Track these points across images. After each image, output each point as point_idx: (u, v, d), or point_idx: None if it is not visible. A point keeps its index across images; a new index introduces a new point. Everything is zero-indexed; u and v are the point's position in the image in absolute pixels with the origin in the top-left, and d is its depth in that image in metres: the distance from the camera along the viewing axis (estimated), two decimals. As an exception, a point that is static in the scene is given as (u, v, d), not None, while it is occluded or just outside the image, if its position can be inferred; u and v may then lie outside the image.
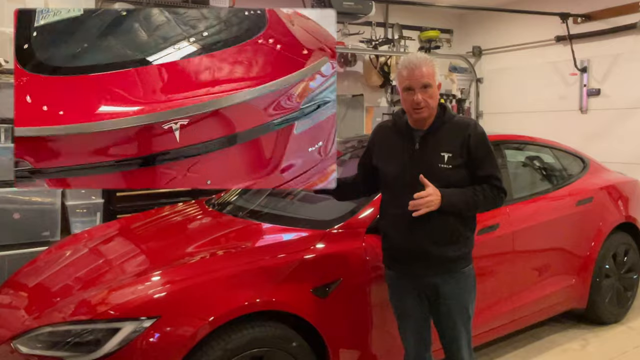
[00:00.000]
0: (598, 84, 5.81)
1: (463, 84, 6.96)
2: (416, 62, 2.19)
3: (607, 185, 3.89)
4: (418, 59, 2.21)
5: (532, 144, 3.79)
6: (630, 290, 3.97)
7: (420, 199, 2.12)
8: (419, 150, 2.25)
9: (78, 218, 4.13)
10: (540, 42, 6.34)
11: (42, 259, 2.88)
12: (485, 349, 3.38)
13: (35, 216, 3.79)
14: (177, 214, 3.32)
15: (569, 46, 5.87)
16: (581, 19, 5.86)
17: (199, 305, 2.11)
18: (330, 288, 2.38)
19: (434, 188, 2.14)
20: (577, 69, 5.86)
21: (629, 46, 5.52)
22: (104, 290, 2.20)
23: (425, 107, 2.20)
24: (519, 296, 3.22)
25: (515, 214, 3.19)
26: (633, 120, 5.49)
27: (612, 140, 5.62)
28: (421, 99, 2.18)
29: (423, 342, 2.38)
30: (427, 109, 2.22)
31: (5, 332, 2.17)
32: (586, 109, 5.90)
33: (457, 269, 2.29)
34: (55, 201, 3.85)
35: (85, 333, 2.01)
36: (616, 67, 5.63)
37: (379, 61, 6.27)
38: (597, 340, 3.63)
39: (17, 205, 3.71)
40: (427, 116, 2.24)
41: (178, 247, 2.64)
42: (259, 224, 2.85)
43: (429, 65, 2.20)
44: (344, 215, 2.65)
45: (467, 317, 2.33)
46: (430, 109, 2.23)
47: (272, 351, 2.21)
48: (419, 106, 2.19)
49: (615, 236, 3.80)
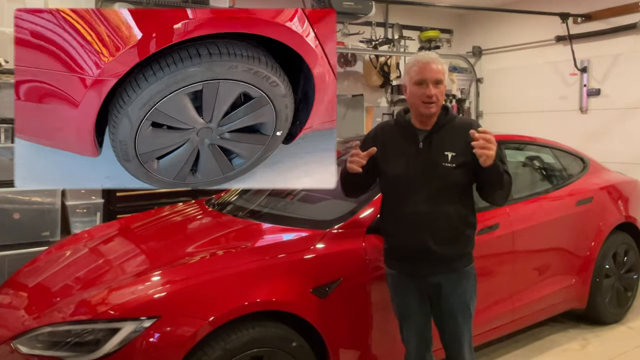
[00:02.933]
0: (598, 84, 5.80)
1: (463, 84, 6.95)
2: (430, 58, 2.25)
3: (607, 185, 3.89)
4: (431, 56, 2.28)
5: (532, 144, 3.79)
6: (630, 290, 3.97)
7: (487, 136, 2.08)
8: (423, 149, 2.26)
9: (78, 218, 4.12)
10: (540, 42, 6.34)
11: (42, 259, 2.88)
12: (485, 349, 3.37)
13: (35, 216, 3.78)
14: (177, 214, 3.32)
15: (569, 46, 5.87)
16: (581, 19, 5.85)
17: (199, 305, 2.11)
18: (330, 288, 2.38)
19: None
20: (577, 69, 5.86)
21: (629, 46, 5.52)
22: (104, 290, 2.20)
23: (437, 102, 2.24)
24: (519, 296, 3.22)
25: (515, 214, 3.19)
26: (633, 120, 5.48)
27: (612, 140, 5.62)
28: (434, 93, 2.20)
29: (424, 341, 2.38)
30: (437, 106, 2.25)
31: (5, 332, 2.17)
32: (586, 109, 5.90)
33: (460, 268, 2.31)
34: (55, 201, 3.85)
35: (85, 333, 2.01)
36: (616, 67, 5.63)
37: (379, 61, 6.27)
38: (597, 340, 3.63)
39: (17, 205, 3.71)
40: (435, 112, 2.27)
41: (178, 247, 2.64)
42: (259, 224, 2.85)
43: (440, 63, 2.26)
44: (344, 215, 2.65)
45: (468, 315, 2.34)
46: (438, 106, 2.27)
47: (272, 351, 2.21)
48: (431, 100, 2.21)
49: (615, 236, 3.80)
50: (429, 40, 6.51)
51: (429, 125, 2.29)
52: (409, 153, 2.29)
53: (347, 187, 2.41)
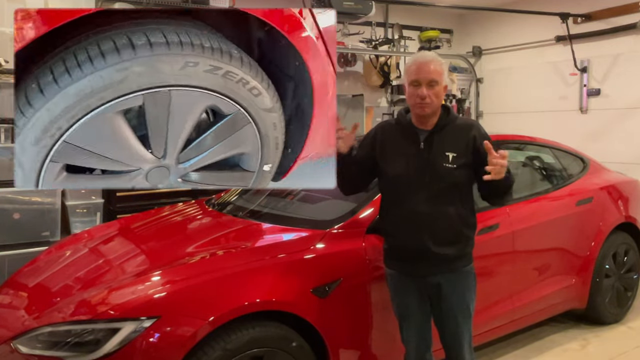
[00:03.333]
0: (598, 84, 5.80)
1: (463, 84, 6.95)
2: (426, 58, 2.23)
3: (607, 185, 3.88)
4: (428, 56, 2.26)
5: (532, 144, 3.79)
6: (630, 290, 3.96)
7: (501, 159, 2.07)
8: (424, 149, 2.26)
9: (78, 218, 4.13)
10: (540, 42, 6.34)
11: (42, 259, 2.88)
12: (485, 349, 3.37)
13: (35, 216, 3.78)
14: (177, 214, 3.32)
15: (569, 46, 5.87)
16: (581, 19, 5.85)
17: (199, 305, 2.11)
18: (330, 288, 2.38)
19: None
20: (577, 69, 5.86)
21: (629, 46, 5.52)
22: (104, 290, 2.20)
23: (430, 103, 2.21)
24: (519, 296, 3.22)
25: (515, 214, 3.18)
26: (633, 120, 5.48)
27: (612, 140, 5.62)
28: (426, 94, 2.19)
29: (424, 342, 2.38)
30: (431, 106, 2.22)
31: (5, 332, 2.16)
32: (586, 109, 5.90)
33: (460, 268, 2.31)
34: (55, 201, 3.85)
35: (85, 333, 2.01)
36: (616, 67, 5.63)
37: (379, 61, 6.27)
38: (597, 340, 3.63)
39: (17, 205, 3.71)
40: (430, 113, 2.25)
41: (178, 247, 2.64)
42: (259, 224, 2.85)
43: (437, 63, 2.23)
44: (344, 215, 2.65)
45: (468, 315, 2.34)
46: (433, 107, 2.24)
47: (272, 351, 2.21)
48: (424, 101, 2.20)
49: (615, 236, 3.79)
50: (429, 40, 6.51)
51: (430, 125, 2.29)
52: (409, 153, 2.29)
53: (342, 182, 2.22)
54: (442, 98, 2.27)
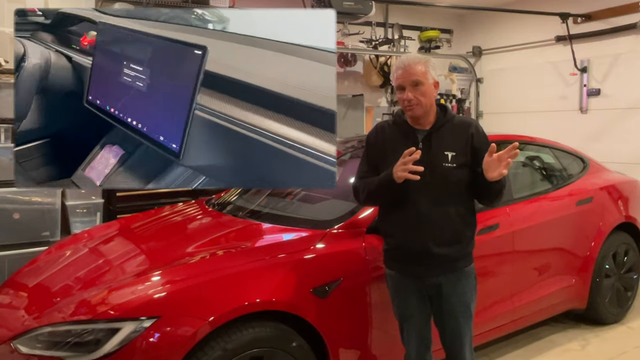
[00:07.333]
0: (598, 84, 5.80)
1: (463, 84, 6.95)
2: (408, 61, 2.21)
3: (607, 185, 3.89)
4: (409, 58, 2.23)
5: (532, 144, 3.79)
6: (630, 290, 3.97)
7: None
8: (423, 149, 2.25)
9: (78, 218, 4.13)
10: (540, 42, 6.34)
11: (42, 259, 2.88)
12: (485, 349, 3.38)
13: (35, 216, 3.78)
14: (177, 214, 3.32)
15: (569, 46, 5.87)
16: (581, 19, 5.85)
17: (199, 305, 2.11)
18: (330, 288, 2.38)
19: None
20: (577, 69, 5.86)
21: (629, 46, 5.52)
22: (104, 290, 2.20)
23: (417, 104, 2.20)
24: (519, 296, 3.22)
25: (515, 214, 3.19)
26: (633, 120, 5.48)
27: (612, 140, 5.62)
28: (412, 97, 2.18)
29: (424, 342, 2.38)
30: (420, 107, 2.21)
31: (5, 332, 2.17)
32: (586, 109, 5.90)
33: (460, 268, 2.31)
34: (55, 201, 3.85)
35: (85, 333, 2.01)
36: (616, 67, 5.63)
37: (379, 61, 6.27)
38: (597, 340, 3.63)
39: (17, 205, 3.71)
40: (421, 114, 2.24)
41: (178, 247, 2.64)
42: (259, 224, 2.85)
43: (420, 63, 2.20)
44: (344, 215, 2.65)
45: (469, 315, 2.34)
46: (423, 107, 2.22)
47: (272, 351, 2.21)
48: (410, 104, 2.20)
49: (615, 236, 3.79)
50: (429, 40, 6.51)
51: (427, 124, 2.28)
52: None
53: (375, 203, 2.41)
54: (431, 96, 2.23)
